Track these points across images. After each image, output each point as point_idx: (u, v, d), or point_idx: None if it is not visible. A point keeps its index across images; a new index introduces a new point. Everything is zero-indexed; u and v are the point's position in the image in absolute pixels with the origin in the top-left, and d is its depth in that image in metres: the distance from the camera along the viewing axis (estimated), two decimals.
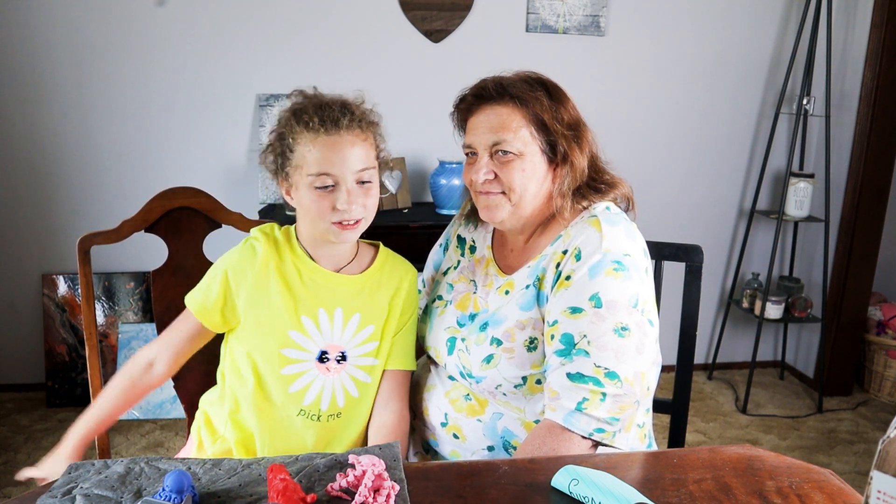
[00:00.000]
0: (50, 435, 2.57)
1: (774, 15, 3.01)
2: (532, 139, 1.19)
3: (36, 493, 0.90)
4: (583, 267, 1.13)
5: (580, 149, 1.21)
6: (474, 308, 1.27)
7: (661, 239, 1.56)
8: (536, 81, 1.22)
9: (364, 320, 1.25)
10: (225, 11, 2.68)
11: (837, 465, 2.55)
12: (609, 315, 1.10)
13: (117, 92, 2.68)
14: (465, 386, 1.25)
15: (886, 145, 2.89)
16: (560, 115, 1.20)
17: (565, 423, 1.07)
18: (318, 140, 1.13)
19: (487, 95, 1.21)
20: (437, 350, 1.29)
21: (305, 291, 1.22)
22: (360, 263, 1.28)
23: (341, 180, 1.14)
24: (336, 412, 1.24)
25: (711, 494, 0.91)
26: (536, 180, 1.20)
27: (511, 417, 1.20)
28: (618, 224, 1.19)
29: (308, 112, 1.15)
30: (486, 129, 1.20)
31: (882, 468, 0.68)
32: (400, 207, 2.72)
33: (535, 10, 2.83)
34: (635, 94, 2.99)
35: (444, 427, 1.26)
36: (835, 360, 3.07)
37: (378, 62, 2.79)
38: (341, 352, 1.23)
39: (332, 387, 1.23)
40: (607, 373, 1.08)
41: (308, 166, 1.14)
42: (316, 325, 1.22)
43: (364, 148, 1.17)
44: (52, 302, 2.78)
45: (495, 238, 1.35)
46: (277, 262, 1.22)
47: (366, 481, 0.86)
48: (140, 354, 1.24)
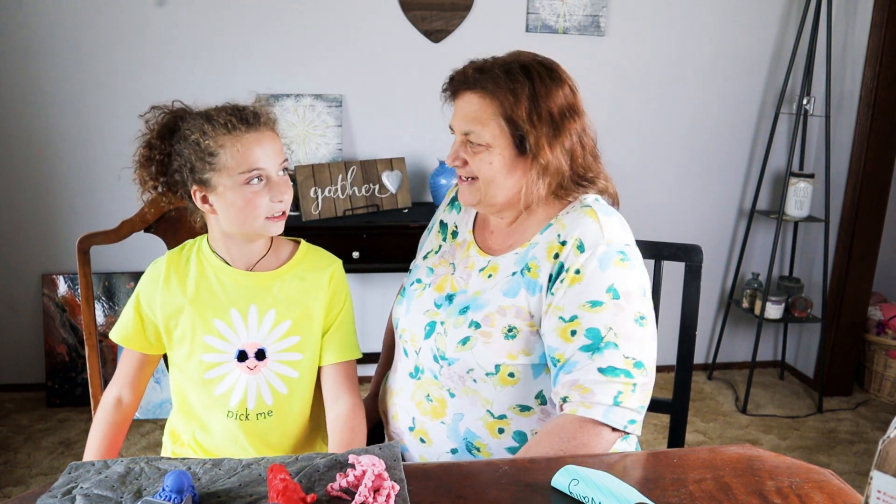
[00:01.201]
0: (50, 435, 2.58)
1: (774, 15, 3.01)
2: (501, 132, 1.16)
3: (36, 493, 0.90)
4: (592, 259, 1.12)
5: (553, 146, 1.15)
6: (451, 288, 1.26)
7: (661, 239, 1.56)
8: (521, 69, 1.16)
9: (280, 315, 1.25)
10: (225, 11, 2.68)
11: (837, 465, 2.55)
12: (628, 305, 1.11)
13: (117, 92, 2.68)
14: (426, 381, 1.23)
15: (886, 145, 2.89)
16: (539, 108, 1.15)
17: (604, 419, 1.08)
18: (242, 139, 1.15)
19: (465, 81, 1.20)
20: (412, 333, 1.27)
21: (216, 295, 1.24)
22: (276, 258, 1.28)
23: (271, 173, 1.18)
24: (266, 410, 1.25)
25: (711, 494, 0.91)
26: (504, 173, 1.18)
27: (473, 417, 1.19)
28: (612, 215, 1.20)
29: (223, 116, 1.16)
30: (461, 115, 1.20)
31: (882, 468, 0.68)
32: (400, 207, 2.72)
33: (535, 10, 2.83)
34: (635, 93, 2.99)
35: (412, 431, 1.25)
36: (835, 360, 3.07)
37: (378, 62, 2.79)
38: (259, 349, 1.24)
39: (256, 385, 1.25)
40: (635, 363, 1.09)
41: (238, 165, 1.15)
42: (230, 326, 1.24)
43: (278, 142, 1.21)
44: (52, 302, 2.78)
45: (477, 221, 1.34)
46: (182, 275, 1.25)
47: (366, 481, 0.86)
48: (106, 396, 1.29)
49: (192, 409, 1.28)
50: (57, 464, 2.39)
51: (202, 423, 1.28)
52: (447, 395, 1.21)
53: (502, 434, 1.19)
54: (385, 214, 2.67)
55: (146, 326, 1.27)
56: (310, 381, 1.28)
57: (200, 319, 1.23)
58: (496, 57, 1.21)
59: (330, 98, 2.76)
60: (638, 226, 3.00)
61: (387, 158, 2.73)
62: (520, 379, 1.17)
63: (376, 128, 2.83)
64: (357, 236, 2.51)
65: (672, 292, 1.85)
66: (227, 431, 1.26)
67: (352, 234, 2.51)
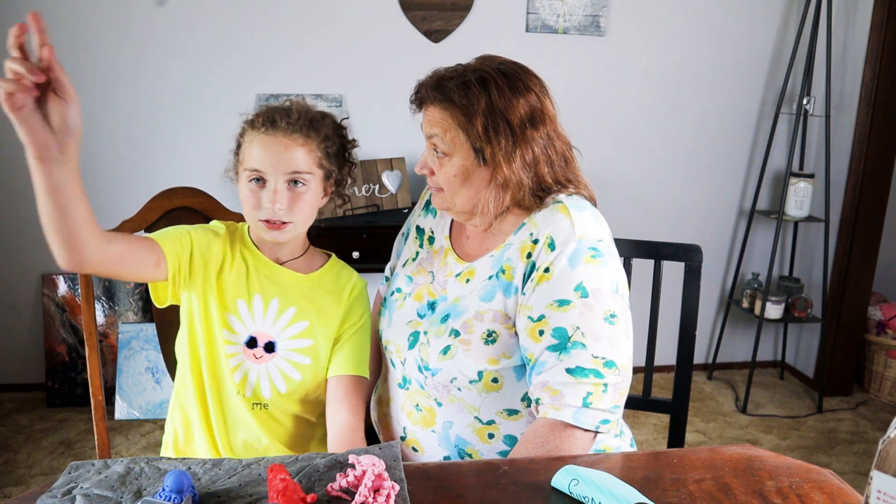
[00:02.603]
0: (50, 435, 2.58)
1: (774, 15, 3.01)
2: (461, 143, 1.15)
3: (36, 493, 0.90)
4: (561, 257, 1.10)
5: (511, 159, 1.12)
6: (430, 296, 1.25)
7: (661, 239, 1.56)
8: (478, 81, 1.13)
9: (299, 315, 1.26)
10: (225, 11, 2.68)
11: (837, 465, 2.55)
12: (597, 303, 1.08)
13: (117, 92, 2.68)
14: (413, 391, 1.23)
15: (886, 145, 2.89)
16: (496, 121, 1.12)
17: (574, 421, 1.06)
18: (256, 138, 1.20)
19: (426, 96, 1.19)
20: (396, 345, 1.26)
21: (247, 278, 1.25)
22: (307, 264, 1.30)
23: (270, 178, 1.19)
24: (262, 402, 1.25)
25: (711, 494, 0.91)
26: (465, 182, 1.17)
27: (462, 424, 1.19)
28: (584, 209, 1.16)
29: (258, 113, 1.22)
30: (426, 123, 1.19)
31: (882, 468, 0.68)
32: (400, 207, 2.73)
33: (535, 10, 2.83)
34: (635, 93, 2.99)
35: (404, 441, 1.25)
36: (835, 360, 3.07)
37: (378, 62, 2.79)
38: (269, 341, 1.24)
39: (256, 375, 1.24)
40: (605, 362, 1.07)
41: (245, 161, 1.21)
42: (249, 309, 1.24)
43: (302, 152, 1.20)
44: (52, 302, 2.78)
45: (453, 226, 1.32)
46: (227, 249, 1.26)
47: (366, 481, 0.86)
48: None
49: (202, 380, 1.25)
50: (57, 464, 2.39)
51: (220, 402, 1.25)
52: (435, 405, 1.21)
53: (492, 439, 1.18)
54: (385, 214, 2.67)
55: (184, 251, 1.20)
56: (312, 387, 1.27)
57: (229, 295, 1.23)
58: (461, 65, 1.18)
59: (330, 98, 2.76)
60: (638, 226, 3.03)
61: (387, 158, 2.73)
62: (504, 384, 1.16)
63: (376, 128, 2.83)
64: (357, 236, 2.51)
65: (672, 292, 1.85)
66: (238, 407, 1.25)
67: (352, 234, 2.51)
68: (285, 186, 1.19)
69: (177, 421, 1.29)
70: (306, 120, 1.21)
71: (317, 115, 1.24)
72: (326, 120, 1.26)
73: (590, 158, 2.92)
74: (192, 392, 1.25)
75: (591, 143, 2.96)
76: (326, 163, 1.24)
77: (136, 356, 2.74)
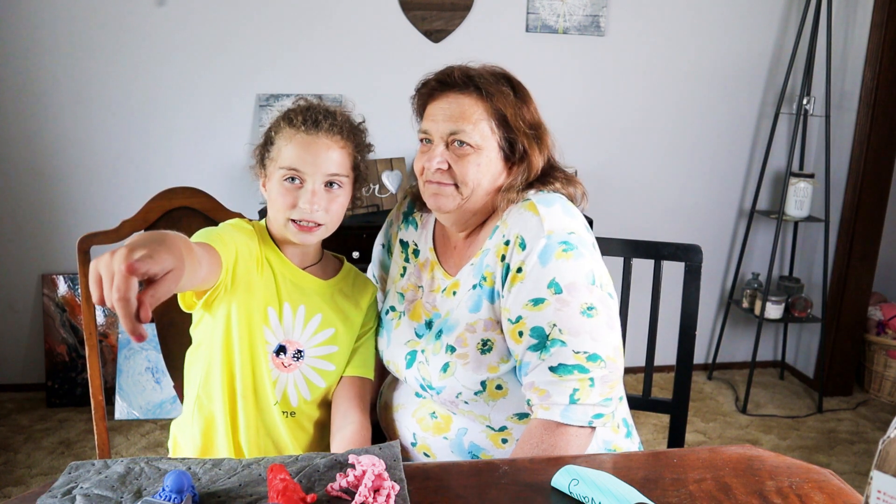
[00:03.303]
0: (50, 435, 2.58)
1: (774, 15, 3.01)
2: (491, 134, 1.15)
3: (36, 493, 0.90)
4: (531, 255, 1.09)
5: (539, 149, 1.19)
6: (425, 314, 1.25)
7: (661, 239, 1.56)
8: (503, 77, 1.19)
9: (325, 322, 1.25)
10: (225, 11, 2.68)
11: (837, 465, 2.55)
12: (572, 298, 1.07)
13: (117, 92, 2.68)
14: (429, 400, 1.22)
15: (886, 145, 2.89)
16: (522, 113, 1.17)
17: (564, 419, 1.06)
18: (296, 137, 1.18)
19: (452, 83, 1.17)
20: (395, 365, 1.26)
21: (276, 284, 1.22)
22: (325, 270, 1.30)
23: (308, 179, 1.17)
24: (289, 410, 1.24)
25: (711, 494, 0.91)
26: (490, 176, 1.17)
27: (476, 430, 1.19)
28: (553, 203, 1.15)
29: (296, 111, 1.20)
30: (445, 116, 1.16)
31: (882, 468, 0.68)
32: None
33: (535, 10, 2.83)
34: (635, 94, 2.99)
35: (415, 447, 1.25)
36: (835, 360, 3.07)
37: (378, 62, 2.79)
38: (298, 349, 1.23)
39: (284, 384, 1.22)
40: (588, 356, 1.06)
41: (281, 159, 1.18)
42: (279, 317, 1.22)
43: (340, 155, 1.20)
44: (52, 302, 2.78)
45: (437, 237, 1.30)
46: (259, 253, 1.22)
47: (366, 481, 0.86)
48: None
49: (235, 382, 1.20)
50: (57, 464, 2.39)
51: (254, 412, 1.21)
52: (451, 413, 1.21)
53: (506, 444, 1.18)
54: (385, 214, 2.66)
55: (231, 258, 1.13)
56: (332, 392, 1.28)
57: (262, 302, 1.20)
58: (470, 65, 1.21)
59: (330, 98, 2.76)
60: (638, 226, 3.03)
61: (387, 158, 2.73)
62: (508, 389, 1.16)
63: (376, 128, 2.82)
64: (357, 236, 2.51)
65: (672, 292, 1.85)
66: (270, 414, 1.23)
67: (352, 234, 2.51)
68: (323, 188, 1.18)
69: (195, 429, 1.23)
70: (348, 124, 1.22)
71: (355, 121, 1.26)
72: (362, 126, 1.28)
73: (589, 158, 2.94)
74: (219, 401, 1.20)
75: (591, 143, 2.97)
76: (358, 168, 1.25)
77: (137, 356, 2.74)
